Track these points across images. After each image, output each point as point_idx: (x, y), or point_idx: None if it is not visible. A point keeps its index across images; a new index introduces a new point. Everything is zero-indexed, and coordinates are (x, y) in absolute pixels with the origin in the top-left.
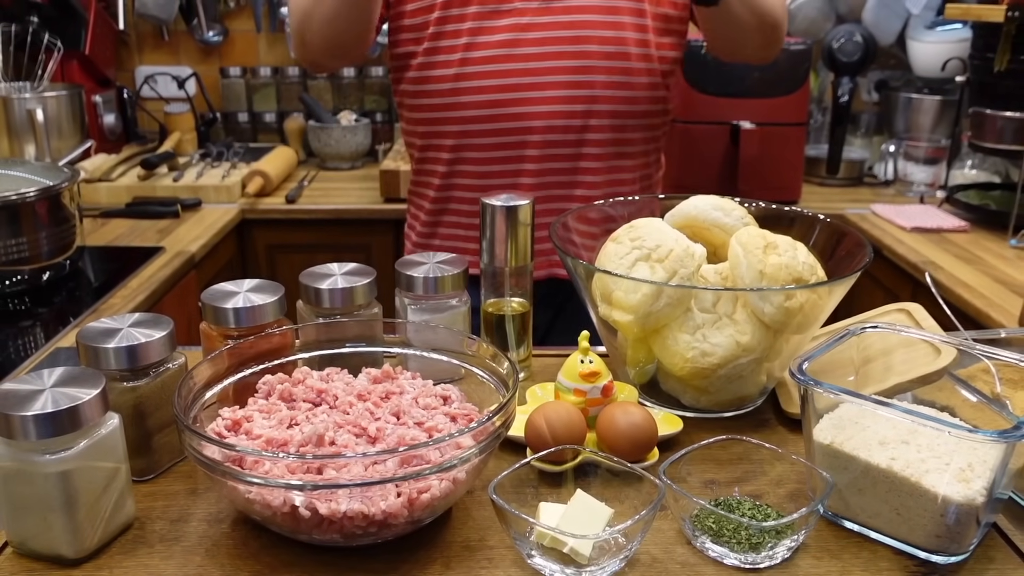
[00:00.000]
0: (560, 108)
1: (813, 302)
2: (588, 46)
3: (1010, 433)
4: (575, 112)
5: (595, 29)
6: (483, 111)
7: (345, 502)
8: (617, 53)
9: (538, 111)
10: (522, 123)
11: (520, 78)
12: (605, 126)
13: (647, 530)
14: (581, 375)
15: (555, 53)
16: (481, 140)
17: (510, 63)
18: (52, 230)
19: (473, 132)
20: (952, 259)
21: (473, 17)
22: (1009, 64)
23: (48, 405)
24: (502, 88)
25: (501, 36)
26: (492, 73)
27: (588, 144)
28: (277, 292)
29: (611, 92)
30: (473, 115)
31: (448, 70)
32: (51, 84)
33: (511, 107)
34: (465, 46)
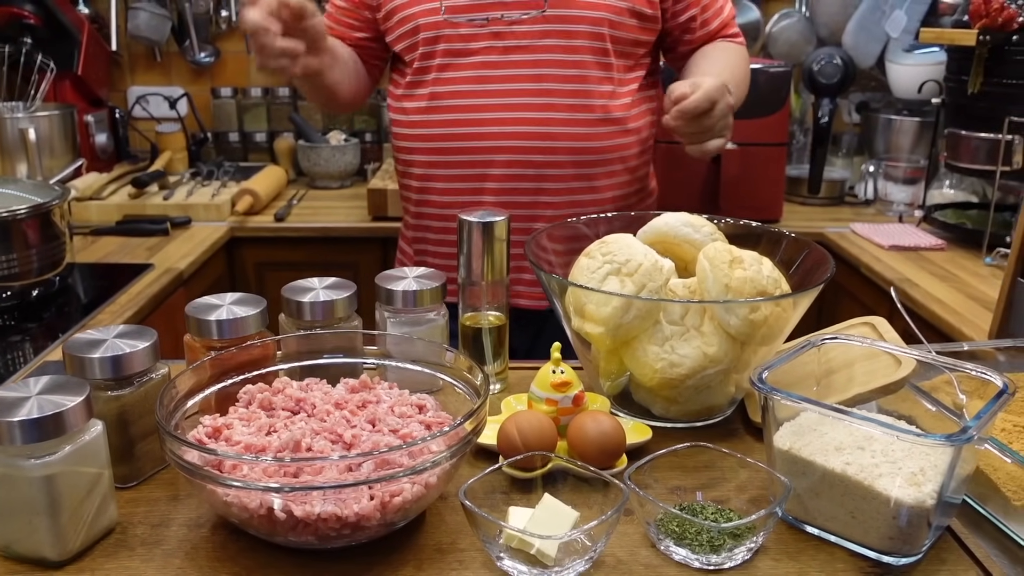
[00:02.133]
0: (520, 144)
1: (777, 315)
2: (549, 84)
3: (956, 437)
4: (536, 148)
5: (557, 68)
6: (448, 144)
7: (319, 504)
8: (579, 91)
9: (499, 146)
10: (484, 156)
11: (483, 113)
12: (566, 162)
13: (612, 532)
14: (553, 385)
15: (517, 91)
16: (446, 171)
17: (474, 99)
18: (42, 247)
19: (439, 163)
20: (928, 276)
21: (442, 54)
22: (982, 86)
23: (34, 411)
24: (466, 123)
25: (467, 72)
26: (457, 108)
27: (549, 179)
28: (259, 305)
29: (572, 129)
30: (439, 147)
31: (420, 103)
32: (44, 104)
33: (473, 141)
34: (433, 81)
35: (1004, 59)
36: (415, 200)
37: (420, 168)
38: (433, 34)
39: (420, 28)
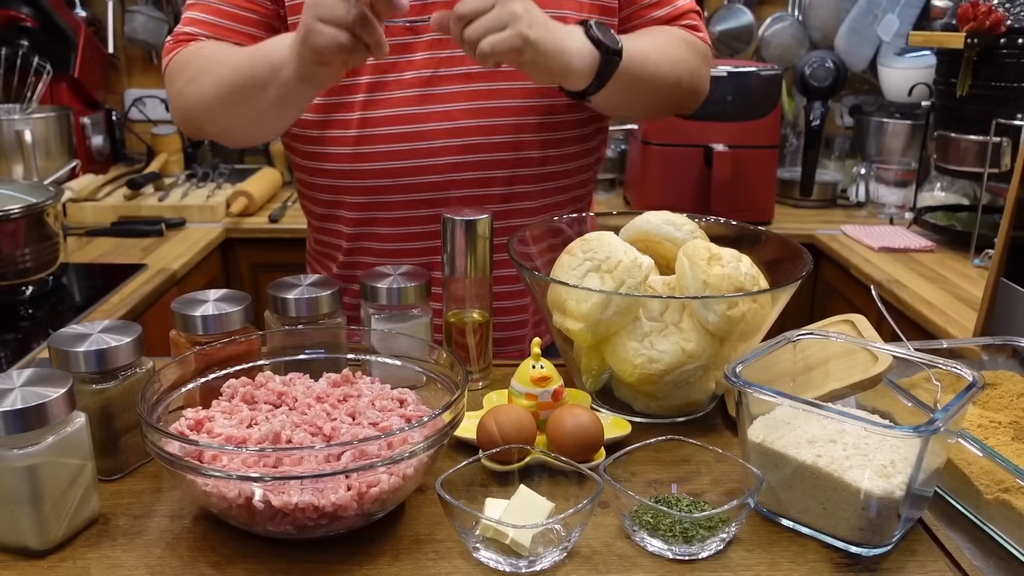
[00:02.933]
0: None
1: (755, 311)
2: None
3: (924, 428)
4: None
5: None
6: (388, 180)
7: (297, 494)
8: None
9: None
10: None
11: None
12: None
13: (586, 523)
14: (532, 379)
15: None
16: (389, 212)
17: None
18: (35, 247)
19: (378, 204)
20: (916, 277)
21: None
22: (970, 89)
23: (17, 402)
24: (408, 154)
25: (407, 92)
26: (396, 136)
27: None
28: (244, 301)
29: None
30: (377, 184)
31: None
32: (40, 106)
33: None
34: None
35: (992, 62)
36: (346, 249)
37: (354, 211)
38: None
39: None
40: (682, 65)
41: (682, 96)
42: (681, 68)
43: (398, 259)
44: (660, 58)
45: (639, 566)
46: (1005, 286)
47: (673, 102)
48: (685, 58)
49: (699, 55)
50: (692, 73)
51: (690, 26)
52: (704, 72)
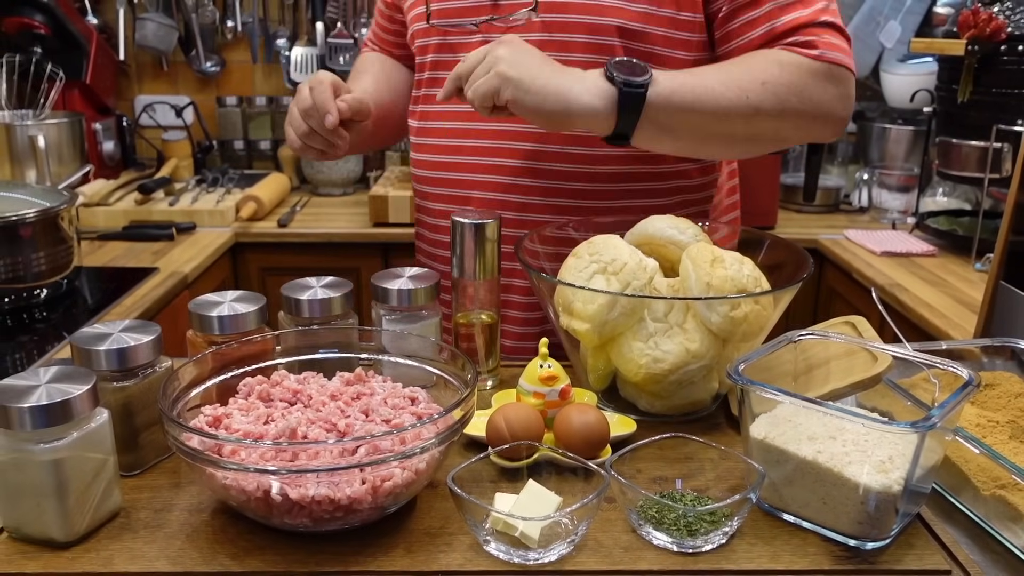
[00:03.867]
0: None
1: (757, 312)
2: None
3: (920, 424)
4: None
5: None
6: (433, 173)
7: (313, 487)
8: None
9: (480, 179)
10: (464, 191)
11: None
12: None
13: (593, 516)
14: (540, 379)
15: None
16: (434, 202)
17: (458, 121)
18: (50, 250)
19: (427, 194)
20: (919, 282)
21: (430, 67)
22: (971, 95)
23: (43, 398)
24: (449, 149)
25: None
26: (441, 131)
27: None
28: (259, 302)
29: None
30: (427, 176)
31: (414, 122)
32: (53, 112)
33: (455, 172)
34: (423, 98)
35: (992, 68)
36: (417, 206)
37: (418, 198)
38: (423, 42)
39: (415, 35)
40: (763, 90)
41: (777, 125)
42: (760, 93)
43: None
44: (721, 87)
45: (644, 558)
46: (1004, 289)
47: (764, 133)
48: (771, 81)
49: (805, 75)
50: (786, 97)
51: (799, 43)
52: (818, 93)
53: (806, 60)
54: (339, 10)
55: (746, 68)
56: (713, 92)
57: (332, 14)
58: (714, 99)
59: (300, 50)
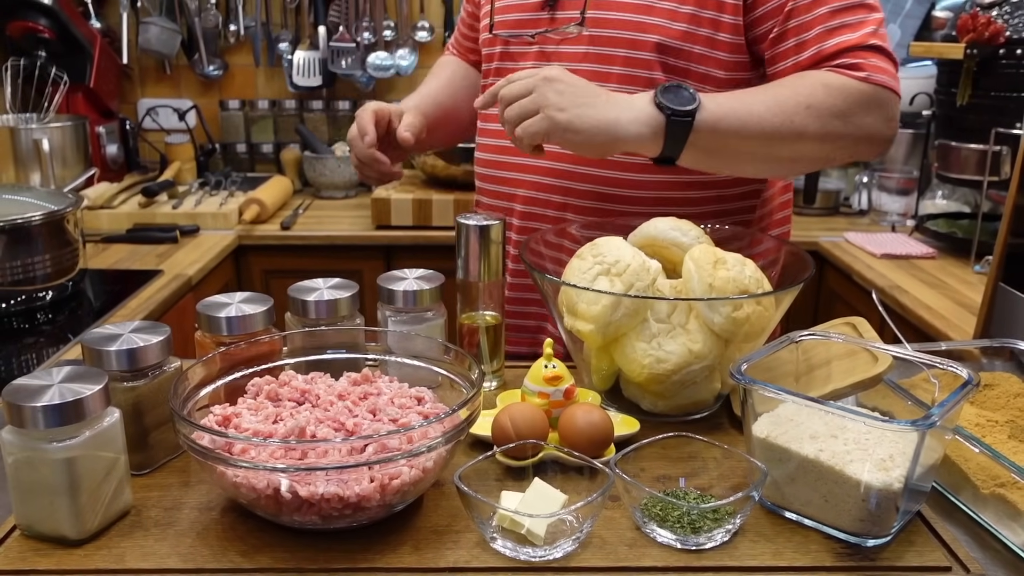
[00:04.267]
0: (540, 179)
1: (759, 313)
2: None
3: (920, 422)
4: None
5: None
6: (486, 171)
7: (323, 485)
8: None
9: (521, 179)
10: (509, 188)
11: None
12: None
13: (598, 514)
14: (545, 379)
15: None
16: (485, 199)
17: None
18: (55, 253)
19: (483, 191)
20: (918, 284)
21: (494, 74)
22: (970, 98)
23: (55, 398)
24: (498, 150)
25: None
26: (493, 132)
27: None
28: (266, 303)
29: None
30: (482, 173)
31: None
32: (57, 115)
33: (503, 170)
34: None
35: (991, 72)
36: (476, 201)
37: (478, 181)
38: (488, 50)
39: (482, 45)
40: (807, 113)
41: (821, 148)
42: (805, 116)
43: None
44: (767, 112)
45: (648, 555)
46: (1003, 291)
47: (808, 155)
48: (816, 105)
49: (849, 98)
50: (830, 120)
51: (846, 65)
52: (860, 116)
53: (852, 82)
54: (341, 14)
55: (792, 91)
56: (759, 117)
57: (334, 18)
58: (759, 124)
59: (302, 54)
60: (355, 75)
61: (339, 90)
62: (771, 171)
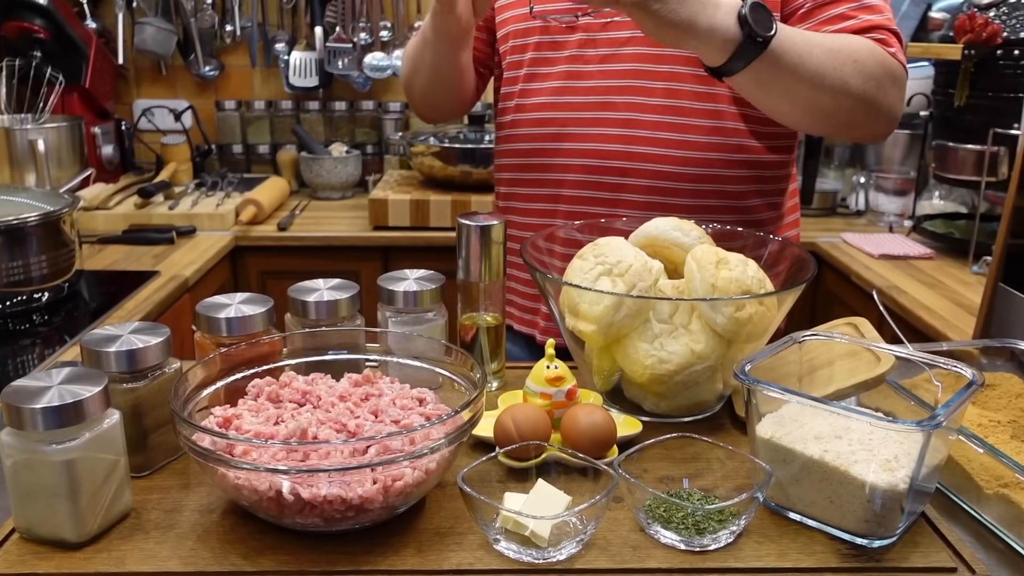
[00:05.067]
0: (595, 162)
1: (761, 313)
2: (635, 97)
3: (926, 422)
4: (611, 168)
5: (645, 79)
6: (528, 159)
7: (325, 487)
8: (667, 107)
9: (573, 163)
10: (557, 175)
11: (562, 128)
12: (644, 187)
13: (602, 516)
14: (547, 379)
15: (599, 104)
16: (526, 190)
17: (555, 111)
18: (51, 254)
19: (520, 181)
20: (916, 284)
21: (529, 63)
22: (968, 99)
23: (55, 399)
24: (544, 137)
25: (552, 83)
26: (538, 121)
27: (623, 204)
28: (266, 304)
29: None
30: (521, 163)
31: (507, 116)
32: (52, 116)
33: (549, 157)
34: (520, 92)
35: (989, 73)
36: (501, 208)
37: (505, 187)
38: (522, 41)
39: (511, 34)
40: (853, 68)
41: (853, 106)
42: (851, 71)
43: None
44: (824, 55)
45: (653, 557)
46: (1003, 291)
47: (841, 111)
48: (861, 62)
49: (883, 68)
50: (868, 81)
51: (878, 40)
52: (888, 88)
53: (886, 54)
54: (338, 14)
55: (843, 45)
56: (817, 61)
57: (331, 18)
58: (815, 68)
59: (299, 54)
60: (352, 76)
61: (336, 91)
62: (802, 118)
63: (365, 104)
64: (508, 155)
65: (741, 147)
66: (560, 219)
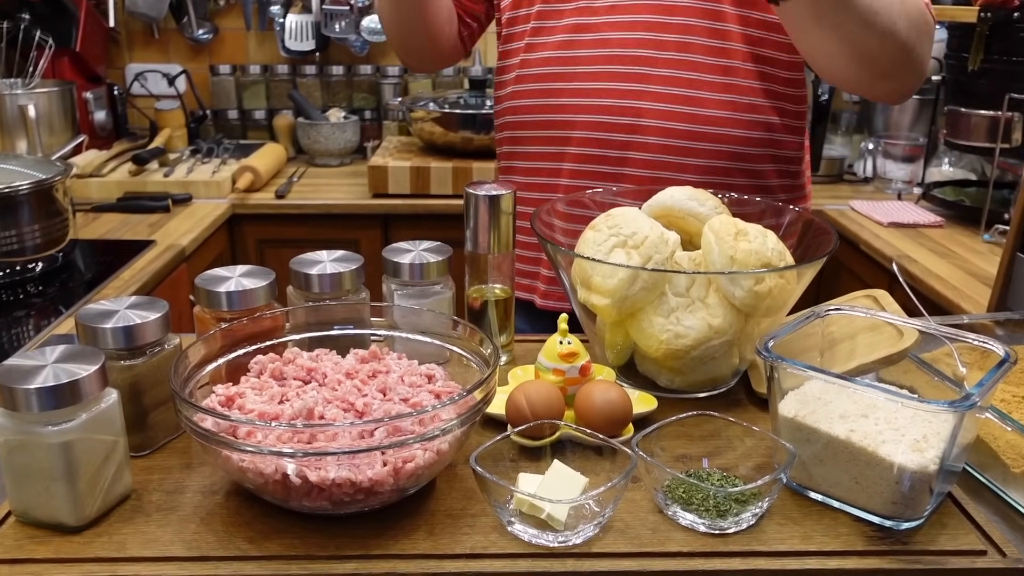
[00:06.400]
0: (599, 125)
1: (781, 286)
2: (643, 50)
3: (959, 403)
4: (618, 126)
5: (655, 31)
6: (530, 117)
7: (334, 470)
8: (677, 61)
9: (577, 119)
10: (562, 132)
11: (566, 83)
12: (653, 144)
13: (620, 498)
14: (560, 355)
15: (606, 57)
16: (526, 148)
17: (560, 66)
18: (44, 223)
19: (521, 139)
20: (927, 253)
21: (536, 16)
22: (982, 63)
23: (50, 379)
24: (548, 93)
25: (558, 37)
26: (542, 77)
27: (630, 163)
28: (268, 277)
29: (666, 106)
30: (522, 120)
31: (510, 74)
32: (42, 81)
33: (554, 114)
34: (525, 47)
35: (1005, 36)
36: (503, 169)
37: (507, 145)
38: (517, 12)
39: (507, 10)
40: (901, 10)
41: (896, 52)
42: (899, 13)
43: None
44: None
45: (673, 540)
46: (1020, 260)
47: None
48: (907, 6)
49: (923, 17)
50: (911, 28)
51: None
52: (925, 40)
53: (921, 7)
54: None
55: None
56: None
57: None
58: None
59: (295, 17)
60: (349, 39)
61: (332, 55)
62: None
63: (363, 68)
64: (511, 112)
65: (754, 107)
66: (564, 179)
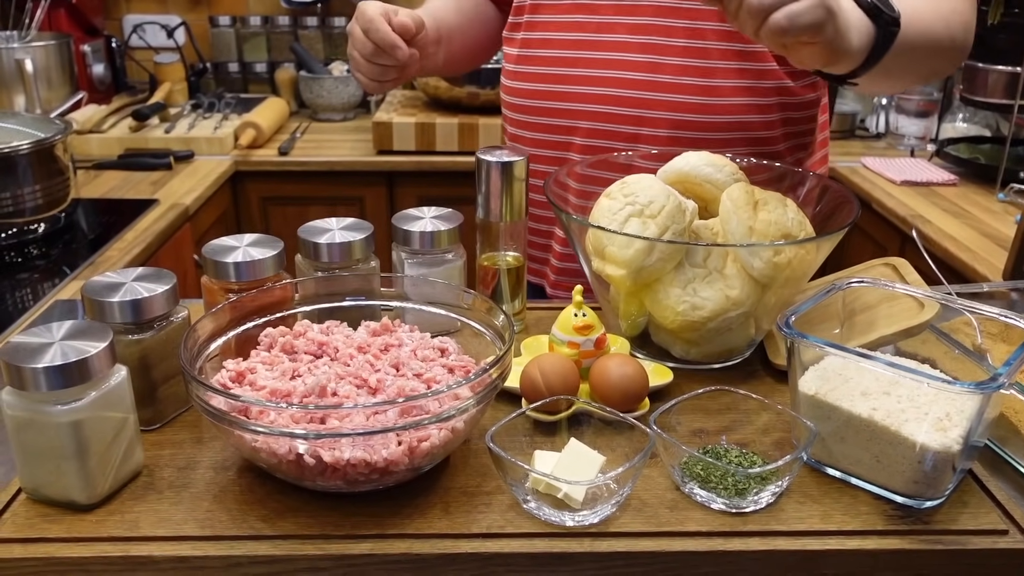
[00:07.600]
0: (609, 109)
1: (801, 257)
2: (654, 37)
3: (986, 384)
4: (626, 116)
5: (664, 16)
6: (534, 102)
7: (348, 450)
8: (689, 48)
9: (586, 109)
10: (568, 121)
11: (572, 69)
12: (663, 133)
13: (638, 477)
14: (575, 328)
15: (614, 43)
16: (532, 134)
17: (564, 49)
18: (46, 183)
19: (525, 124)
20: (940, 213)
21: (530, 9)
22: (1002, 18)
23: (58, 358)
24: (553, 79)
25: (561, 16)
26: (545, 60)
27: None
28: (276, 247)
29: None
30: (526, 104)
31: (513, 50)
32: (39, 33)
33: (559, 101)
34: (526, 24)
35: None
36: (511, 135)
37: (511, 127)
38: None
39: None
40: (956, 19)
41: (955, 56)
42: (956, 22)
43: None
44: (933, 17)
45: (691, 519)
46: None
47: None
48: (958, 8)
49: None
50: (966, 26)
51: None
52: (973, 20)
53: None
54: None
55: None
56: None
57: None
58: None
59: None
60: None
61: (335, 6)
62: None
63: None
64: (514, 94)
65: (768, 72)
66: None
